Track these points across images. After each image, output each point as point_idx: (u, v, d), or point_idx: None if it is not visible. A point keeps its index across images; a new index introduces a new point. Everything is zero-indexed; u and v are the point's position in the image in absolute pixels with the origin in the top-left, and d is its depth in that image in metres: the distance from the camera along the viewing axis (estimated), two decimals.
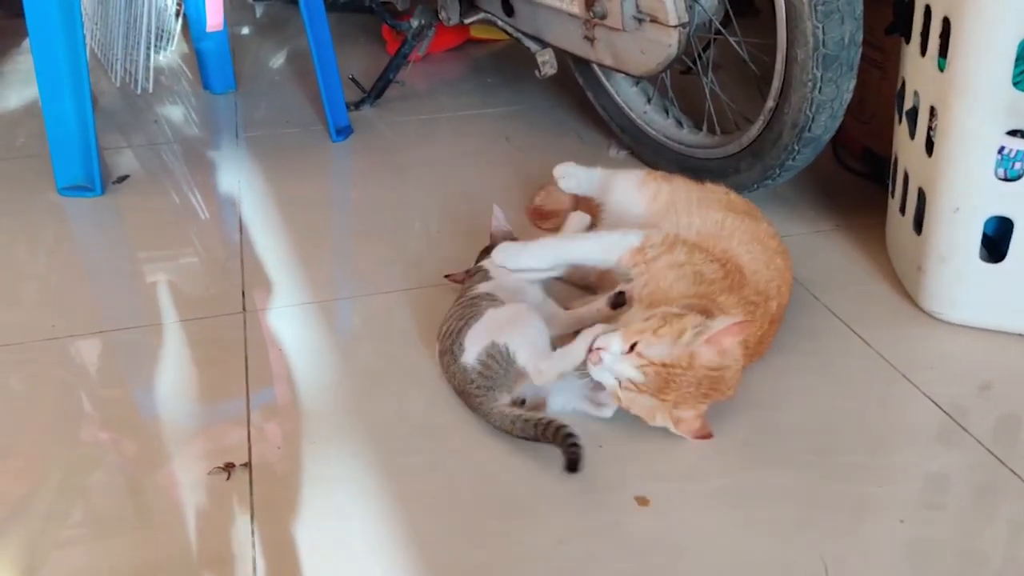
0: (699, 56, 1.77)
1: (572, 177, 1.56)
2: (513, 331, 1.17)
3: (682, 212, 1.37)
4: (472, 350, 1.18)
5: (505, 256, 1.35)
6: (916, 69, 1.37)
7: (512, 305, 1.23)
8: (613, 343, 1.11)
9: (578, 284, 1.46)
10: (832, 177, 1.82)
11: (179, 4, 2.57)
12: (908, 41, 1.39)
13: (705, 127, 1.76)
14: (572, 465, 1.08)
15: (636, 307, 1.21)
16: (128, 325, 1.40)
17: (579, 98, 2.07)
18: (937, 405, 1.22)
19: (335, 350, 1.34)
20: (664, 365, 1.09)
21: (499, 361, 1.16)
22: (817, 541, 1.02)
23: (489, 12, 1.96)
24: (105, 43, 2.41)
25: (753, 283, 1.26)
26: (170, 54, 2.60)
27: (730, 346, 1.12)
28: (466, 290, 1.31)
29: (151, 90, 2.27)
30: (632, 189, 1.46)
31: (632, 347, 1.10)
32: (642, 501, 1.07)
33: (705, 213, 1.36)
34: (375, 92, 2.21)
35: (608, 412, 1.19)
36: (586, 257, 1.35)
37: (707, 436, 1.14)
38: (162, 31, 2.59)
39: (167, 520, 1.05)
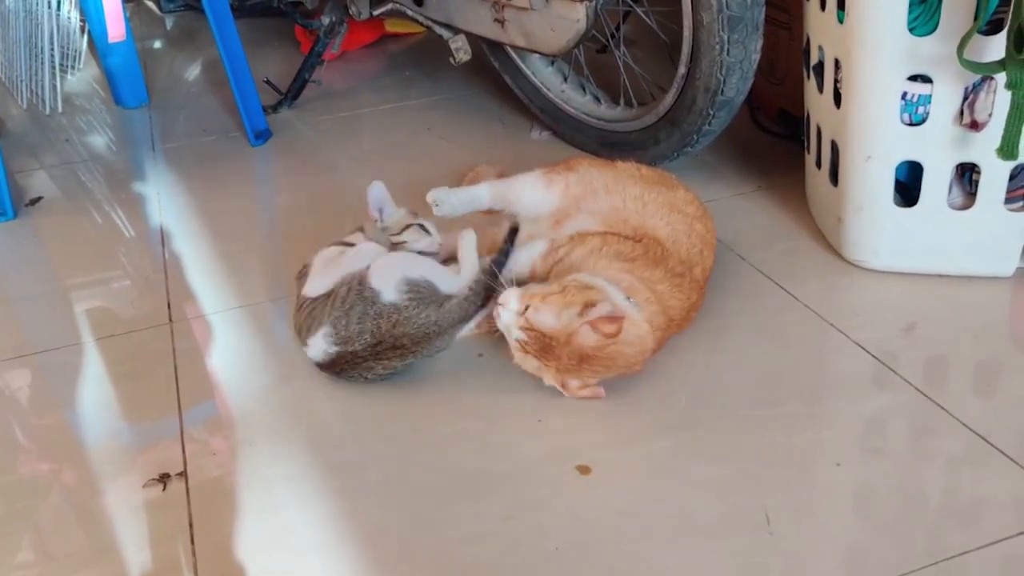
0: (613, 34, 1.77)
1: (445, 203, 1.47)
2: (415, 263, 1.24)
3: (600, 194, 1.37)
4: (388, 288, 1.19)
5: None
6: (818, 24, 1.39)
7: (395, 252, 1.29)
8: (512, 301, 1.13)
9: None
10: (751, 140, 1.84)
11: (83, 21, 2.51)
12: None
13: (622, 101, 1.77)
14: None
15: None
16: (52, 346, 1.37)
17: (498, 84, 2.07)
18: (866, 351, 1.25)
19: (267, 352, 1.32)
20: (543, 334, 1.10)
21: (422, 285, 1.19)
22: (758, 493, 1.03)
23: (398, 3, 1.95)
24: (8, 65, 2.34)
25: (675, 254, 1.27)
26: (78, 72, 2.54)
27: (624, 332, 1.11)
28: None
29: (60, 110, 2.21)
30: (540, 191, 1.42)
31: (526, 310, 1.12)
32: (584, 470, 1.08)
33: (621, 191, 1.36)
34: (292, 93, 2.18)
35: None
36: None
37: (595, 397, 1.15)
38: (67, 49, 2.52)
39: (104, 542, 1.02)
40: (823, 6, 1.35)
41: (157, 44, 2.82)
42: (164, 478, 1.09)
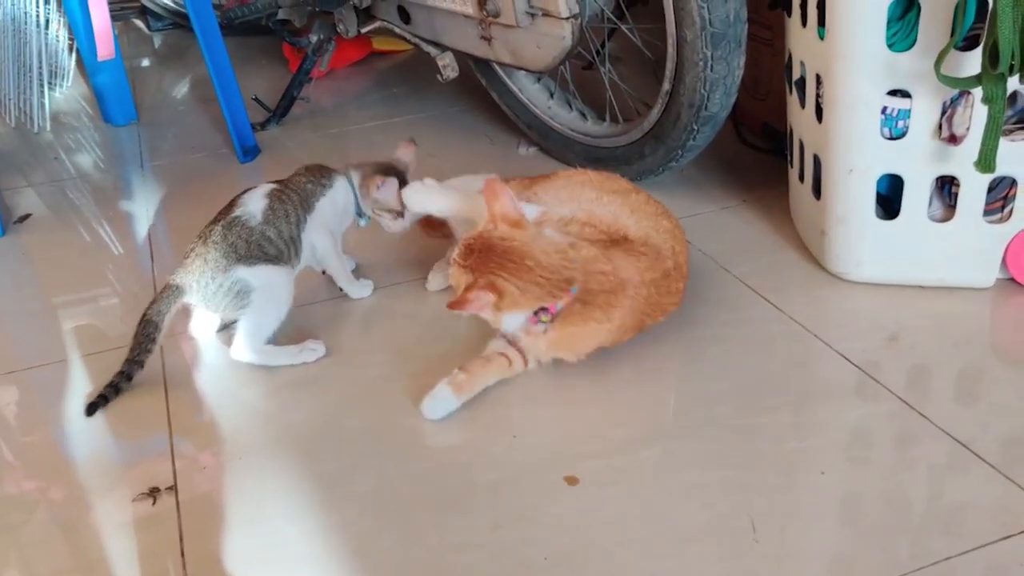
0: (598, 51, 1.80)
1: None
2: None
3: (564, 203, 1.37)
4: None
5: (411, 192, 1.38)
6: (800, 40, 1.42)
7: None
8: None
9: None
10: (735, 155, 1.86)
11: (71, 39, 2.52)
12: (790, 14, 1.44)
13: (608, 117, 1.79)
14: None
15: None
16: (40, 362, 1.37)
17: (485, 100, 2.09)
18: (850, 361, 1.26)
19: (255, 367, 1.32)
20: (464, 241, 1.19)
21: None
22: (744, 501, 1.04)
23: (386, 20, 1.97)
24: None
25: (640, 238, 1.28)
26: (67, 90, 2.55)
27: (528, 233, 1.19)
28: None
29: (48, 128, 2.23)
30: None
31: None
32: (571, 480, 1.08)
33: (578, 196, 1.36)
34: (280, 111, 2.19)
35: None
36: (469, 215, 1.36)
37: (458, 304, 1.15)
38: (56, 68, 2.53)
39: (94, 557, 1.03)
40: (804, 23, 1.38)
41: (145, 62, 2.83)
42: (154, 492, 1.10)
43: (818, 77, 1.36)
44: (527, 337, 1.22)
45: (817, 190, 1.43)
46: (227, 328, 1.37)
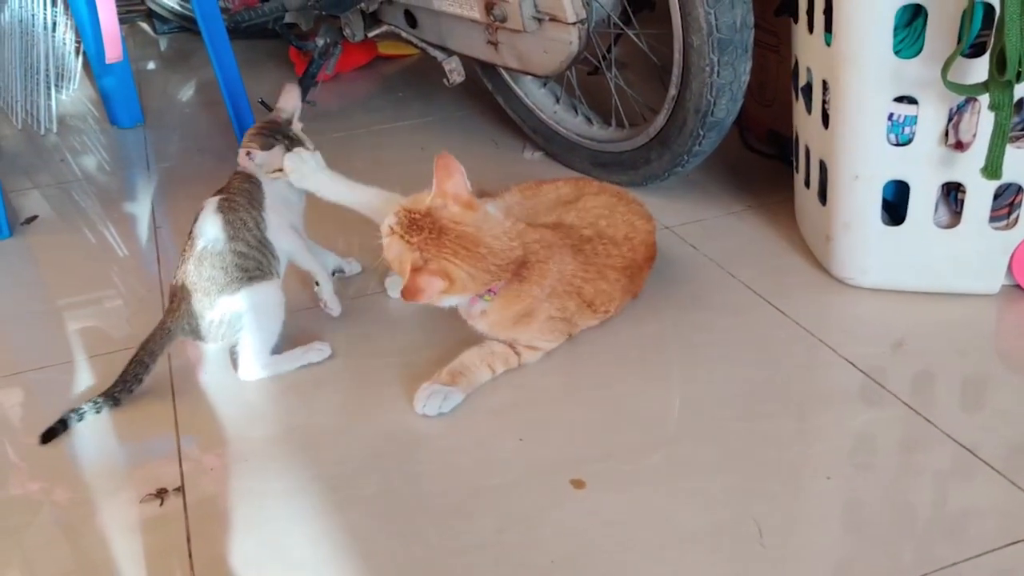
0: (604, 56, 1.80)
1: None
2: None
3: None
4: None
5: (294, 166, 1.35)
6: (806, 46, 1.42)
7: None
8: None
9: None
10: (741, 161, 1.87)
11: (77, 42, 2.53)
12: (796, 20, 1.44)
13: (614, 122, 1.79)
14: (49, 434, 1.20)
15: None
16: (46, 364, 1.37)
17: (490, 104, 2.10)
18: (855, 366, 1.26)
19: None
20: (407, 210, 1.18)
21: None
22: (750, 506, 1.04)
23: (393, 25, 1.98)
24: (3, 86, 2.36)
25: (580, 226, 1.32)
26: (73, 93, 2.56)
27: (482, 219, 1.19)
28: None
29: (55, 130, 2.23)
30: None
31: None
32: (578, 484, 1.09)
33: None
34: None
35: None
36: (367, 209, 1.39)
37: (412, 294, 1.15)
38: (62, 70, 2.54)
39: (101, 557, 1.03)
40: (811, 29, 1.38)
41: (151, 65, 2.84)
42: (162, 493, 1.10)
43: (825, 83, 1.36)
44: (468, 320, 1.24)
45: (823, 196, 1.44)
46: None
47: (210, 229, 1.29)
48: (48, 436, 1.19)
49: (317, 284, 1.42)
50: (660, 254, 1.46)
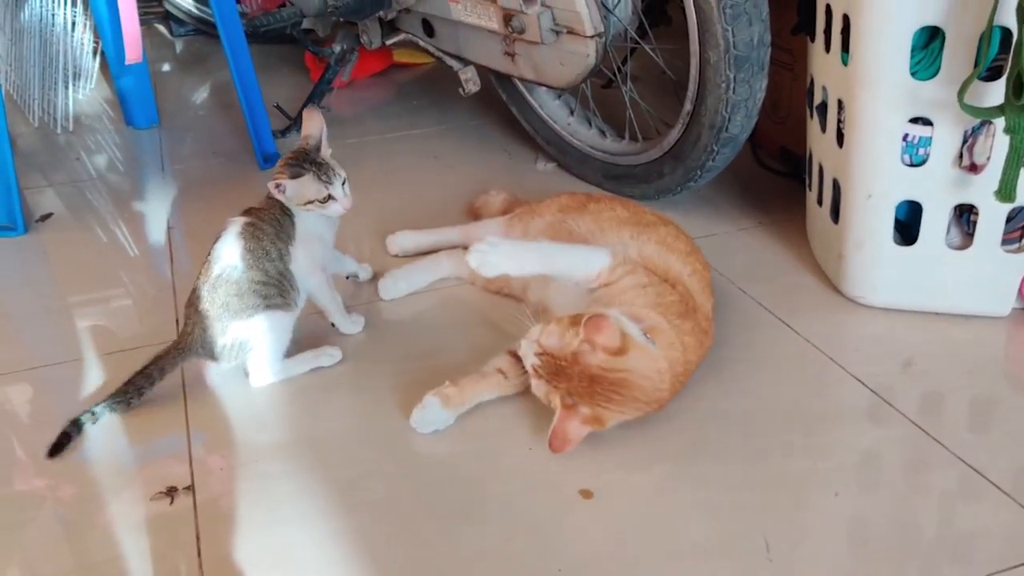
0: (619, 69, 1.81)
1: (395, 244, 1.63)
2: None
3: (609, 235, 1.35)
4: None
5: (480, 260, 1.24)
6: (822, 65, 1.43)
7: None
8: (532, 332, 1.16)
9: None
10: (753, 177, 1.87)
11: (96, 42, 2.55)
12: (813, 40, 1.45)
13: (627, 135, 1.80)
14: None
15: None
16: (57, 360, 1.38)
17: (504, 115, 2.11)
18: (864, 384, 1.27)
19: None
20: (553, 356, 1.12)
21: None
22: (758, 520, 1.05)
23: (410, 33, 1.99)
24: (21, 84, 2.37)
25: (702, 306, 1.28)
26: (90, 93, 2.57)
27: (636, 361, 1.11)
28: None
29: (71, 129, 2.25)
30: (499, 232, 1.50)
31: None
32: (586, 494, 1.09)
33: (642, 236, 1.34)
34: (301, 119, 2.21)
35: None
36: (566, 270, 1.29)
37: (561, 444, 1.12)
38: (80, 70, 2.56)
39: (111, 554, 1.03)
40: (828, 48, 1.39)
41: (167, 67, 2.86)
42: (172, 491, 1.10)
43: (840, 102, 1.37)
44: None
45: (835, 214, 1.44)
46: None
47: (227, 255, 1.26)
48: (55, 450, 1.18)
49: (333, 325, 1.42)
50: None
